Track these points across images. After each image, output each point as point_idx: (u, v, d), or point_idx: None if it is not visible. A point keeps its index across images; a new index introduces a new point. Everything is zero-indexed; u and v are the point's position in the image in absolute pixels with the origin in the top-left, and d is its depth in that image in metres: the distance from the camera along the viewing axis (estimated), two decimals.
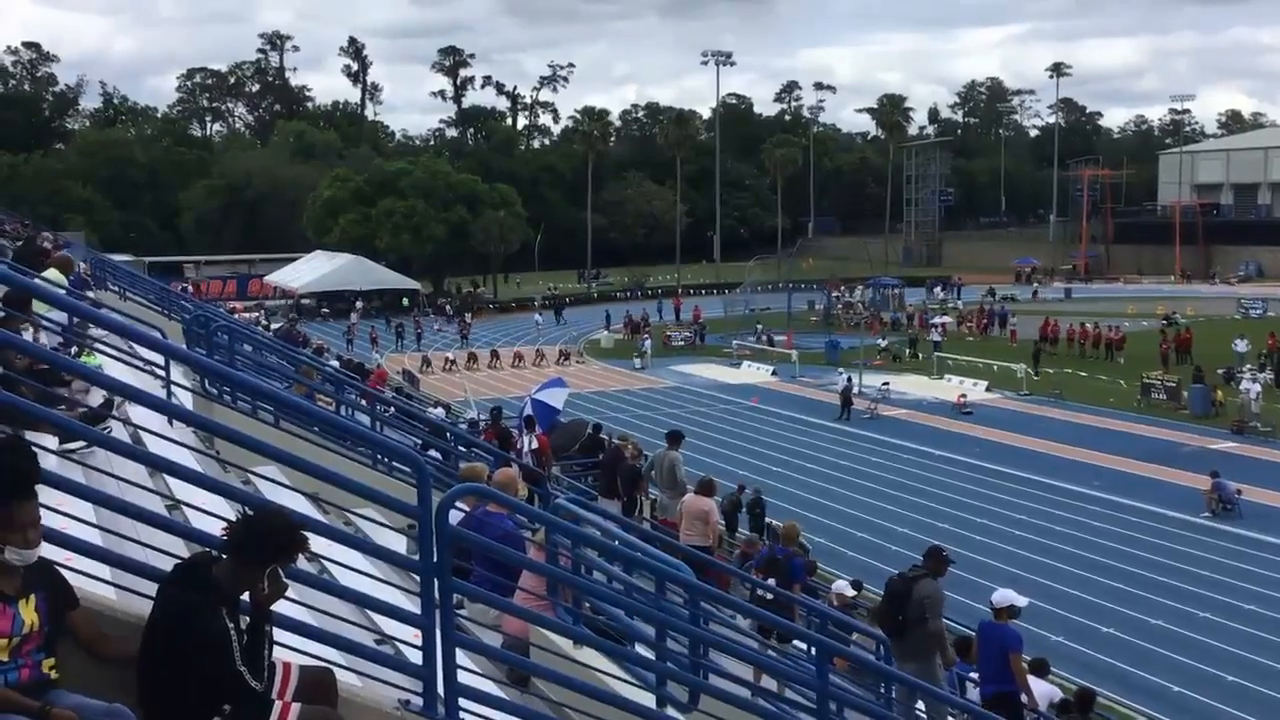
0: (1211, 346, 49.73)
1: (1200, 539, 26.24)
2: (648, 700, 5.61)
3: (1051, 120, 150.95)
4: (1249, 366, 44.58)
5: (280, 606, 4.14)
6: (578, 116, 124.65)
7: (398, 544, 6.51)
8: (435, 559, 4.42)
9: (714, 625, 8.44)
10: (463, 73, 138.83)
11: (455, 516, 6.08)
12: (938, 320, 61.89)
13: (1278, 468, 32.55)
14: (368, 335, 62.01)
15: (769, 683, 8.31)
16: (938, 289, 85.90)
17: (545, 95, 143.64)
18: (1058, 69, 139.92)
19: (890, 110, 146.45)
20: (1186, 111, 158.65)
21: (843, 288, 79.40)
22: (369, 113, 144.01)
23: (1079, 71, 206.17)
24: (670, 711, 5.58)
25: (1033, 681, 10.62)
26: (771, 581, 11.24)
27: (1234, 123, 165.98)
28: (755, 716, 5.55)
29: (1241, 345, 48.63)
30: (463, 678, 4.62)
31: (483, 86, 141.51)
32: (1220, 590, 22.68)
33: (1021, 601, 9.89)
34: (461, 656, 4.83)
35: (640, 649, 6.19)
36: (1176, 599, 22.25)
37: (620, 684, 5.72)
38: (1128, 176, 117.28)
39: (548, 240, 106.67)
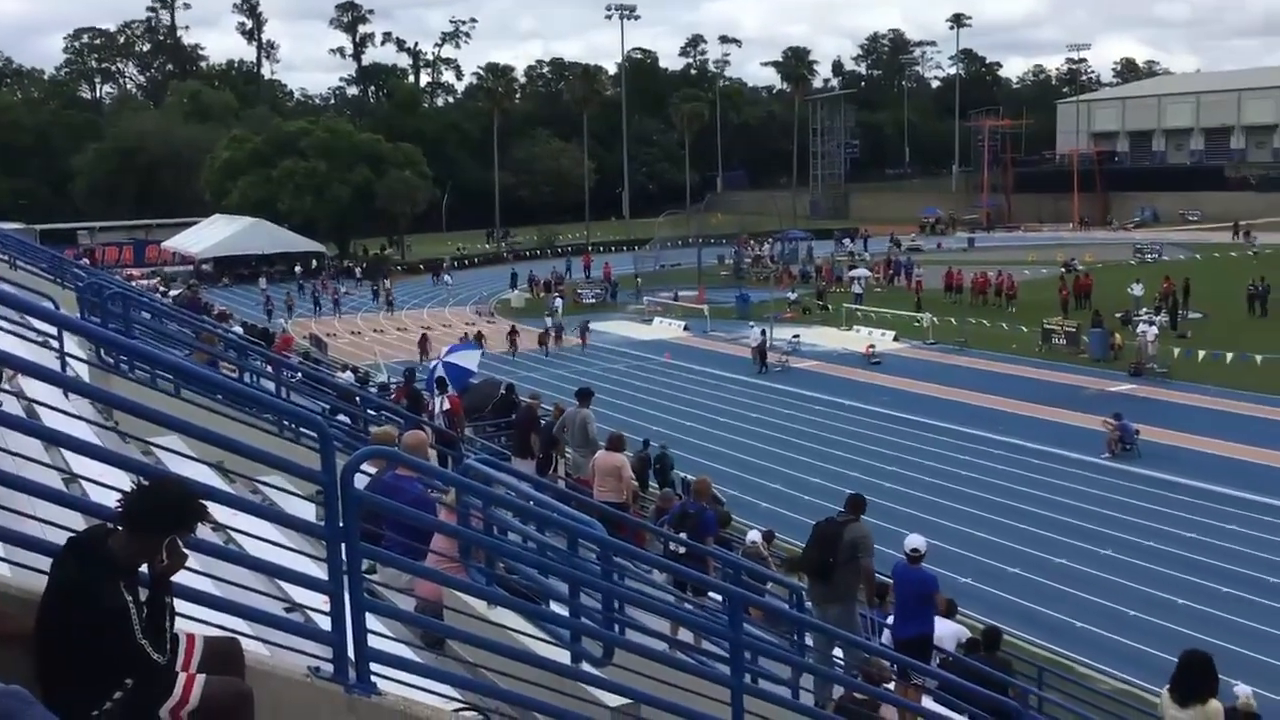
0: (1109, 291, 51.12)
1: (1101, 479, 27.03)
2: (563, 657, 5.61)
3: (953, 71, 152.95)
4: (1145, 310, 45.92)
5: (185, 578, 4.05)
6: (482, 73, 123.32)
7: (309, 511, 6.40)
8: (341, 524, 4.35)
9: (630, 581, 8.49)
10: (362, 29, 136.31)
11: (363, 481, 6.01)
12: (857, 273, 62.56)
13: (1174, 408, 33.63)
14: (284, 301, 60.70)
15: (686, 635, 8.40)
16: (846, 241, 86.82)
17: (448, 52, 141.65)
18: (958, 20, 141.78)
19: (795, 63, 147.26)
20: (1083, 61, 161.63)
21: (752, 242, 79.88)
22: (266, 72, 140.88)
23: (979, 22, 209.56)
24: (585, 667, 5.59)
25: (940, 622, 10.88)
26: (684, 535, 11.34)
27: (1129, 71, 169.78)
28: (670, 668, 5.58)
29: (1138, 289, 50.05)
30: (375, 642, 4.57)
31: (383, 43, 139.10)
32: (1120, 528, 23.41)
33: (925, 545, 10.12)
34: (374, 621, 4.78)
35: (556, 607, 6.20)
36: (1079, 538, 22.91)
37: (536, 642, 5.72)
38: (1027, 126, 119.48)
39: (455, 200, 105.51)
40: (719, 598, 9.82)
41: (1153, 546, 22.29)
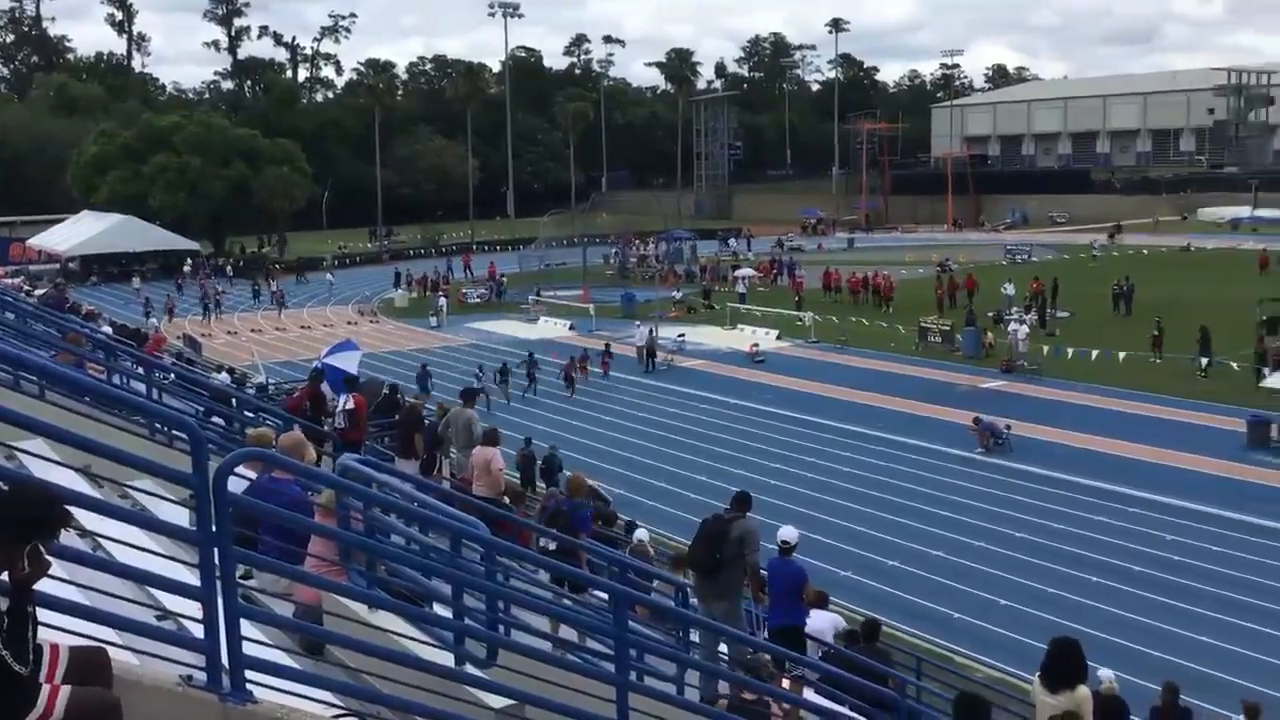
0: (982, 291, 52.63)
1: (975, 473, 27.80)
2: (447, 659, 5.55)
3: (832, 75, 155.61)
4: (1016, 309, 47.36)
5: (49, 586, 3.90)
6: (362, 69, 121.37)
7: (184, 517, 6.22)
8: (214, 528, 4.23)
9: (515, 581, 8.44)
10: (237, 22, 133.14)
11: (239, 484, 5.86)
12: (741, 273, 63.22)
13: (1043, 404, 34.73)
14: (164, 303, 58.81)
15: (573, 634, 8.38)
16: (730, 241, 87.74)
17: (327, 47, 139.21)
18: (837, 24, 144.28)
19: (679, 64, 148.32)
20: (957, 67, 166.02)
21: (637, 241, 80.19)
22: (136, 64, 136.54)
23: (857, 27, 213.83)
24: (469, 669, 5.54)
25: (818, 614, 11.07)
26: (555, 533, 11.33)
27: (1000, 77, 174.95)
28: (555, 667, 5.56)
29: (1009, 289, 51.62)
30: (251, 649, 4.46)
31: (260, 37, 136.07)
32: (993, 520, 24.11)
33: (795, 537, 10.29)
34: (250, 628, 4.66)
35: (439, 609, 6.12)
36: (955, 531, 23.53)
37: (418, 645, 5.64)
38: (903, 130, 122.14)
39: (336, 198, 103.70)
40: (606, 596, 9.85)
41: (1024, 538, 22.99)
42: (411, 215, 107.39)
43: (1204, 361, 36.99)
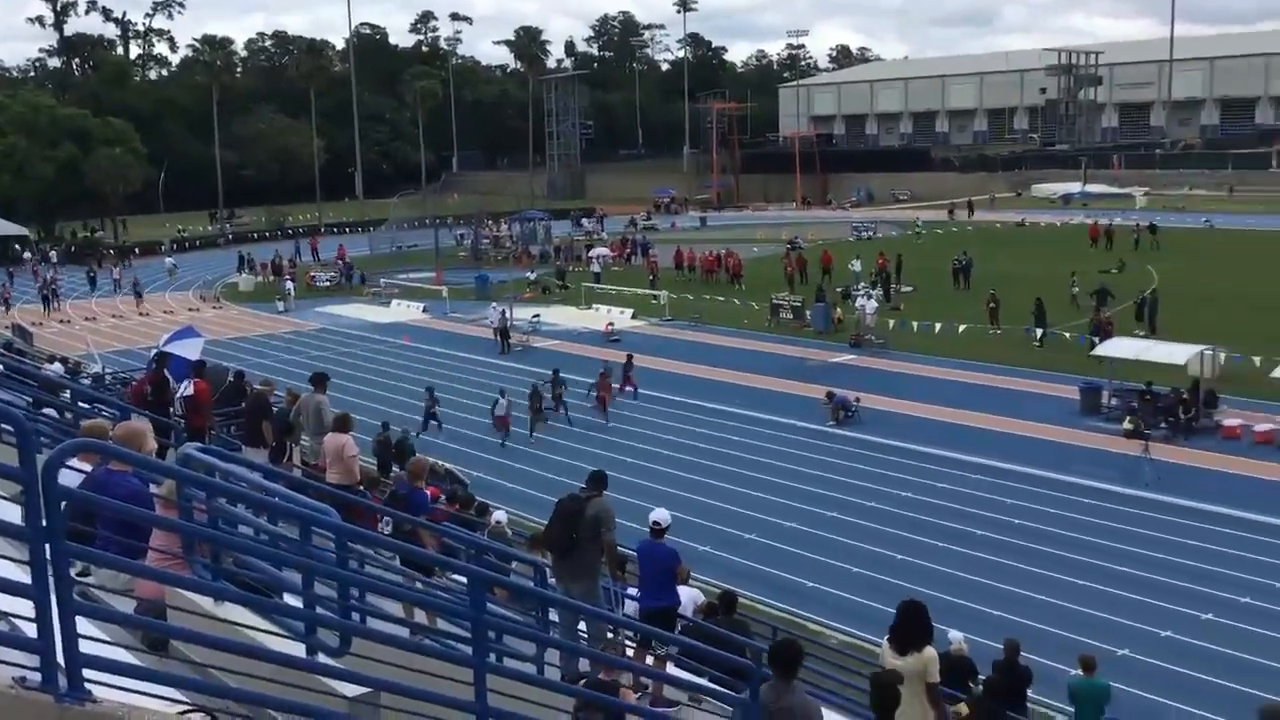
0: (833, 267, 53.82)
1: (827, 445, 28.47)
2: (299, 650, 5.41)
3: (681, 54, 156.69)
4: (863, 285, 48.56)
5: None
6: (198, 46, 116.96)
7: (15, 513, 5.91)
8: (45, 523, 4.03)
9: (369, 567, 8.29)
10: None
11: (72, 478, 5.59)
12: (596, 252, 63.21)
13: (890, 376, 35.74)
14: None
15: (428, 620, 8.27)
16: (583, 221, 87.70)
17: (160, 23, 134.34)
18: (684, 4, 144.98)
19: (528, 43, 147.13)
20: (802, 47, 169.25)
21: (490, 222, 79.51)
22: None
23: (705, 7, 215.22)
24: (321, 658, 5.41)
25: (680, 590, 11.19)
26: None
27: (844, 58, 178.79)
28: (411, 653, 5.47)
29: (857, 265, 52.92)
30: (91, 648, 4.26)
31: (87, 12, 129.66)
32: (845, 491, 24.74)
33: (667, 519, 10.37)
34: (90, 626, 4.46)
35: (290, 599, 5.97)
36: (808, 502, 24.06)
37: (269, 637, 5.49)
38: (752, 109, 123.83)
39: (173, 179, 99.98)
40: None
41: (874, 507, 23.65)
42: (255, 197, 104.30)
43: (1039, 332, 38.57)
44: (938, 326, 39.99)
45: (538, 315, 46.72)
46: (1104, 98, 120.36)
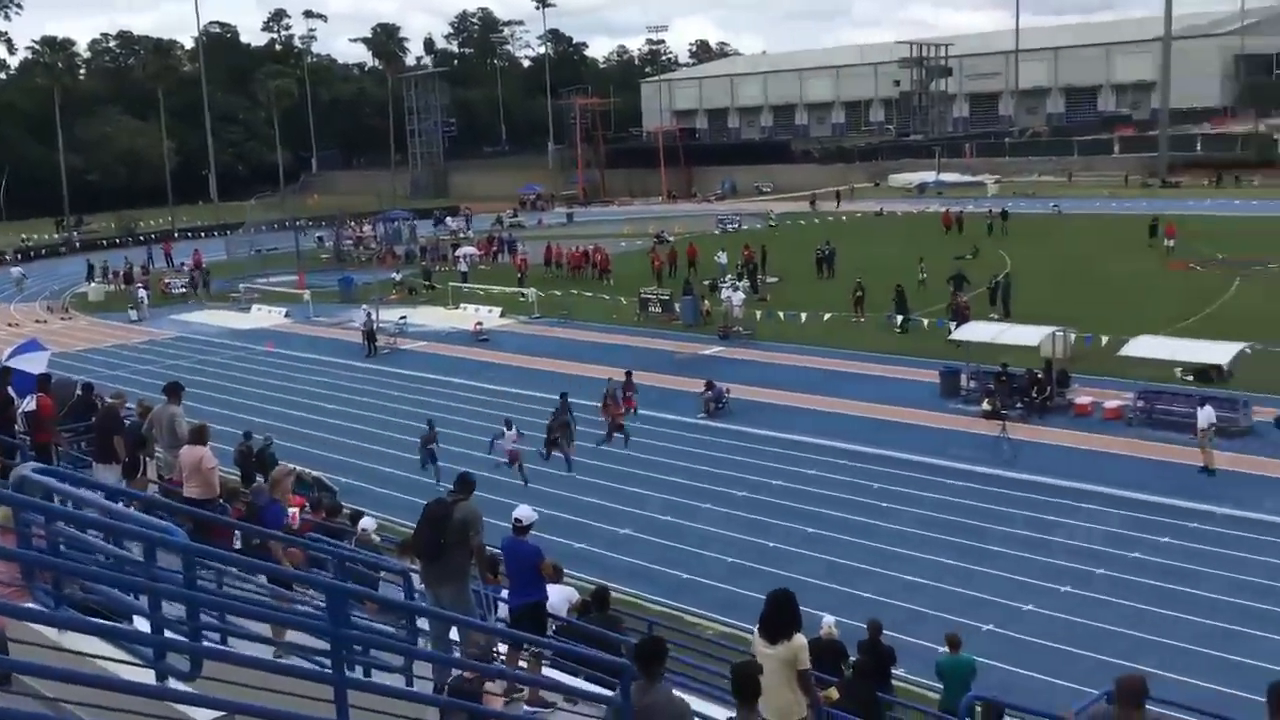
0: (699, 260, 54.27)
1: (699, 437, 28.67)
2: (149, 676, 5.18)
3: (542, 50, 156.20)
4: (729, 276, 49.10)
5: None
6: (37, 47, 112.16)
7: None
8: None
9: (229, 585, 8.00)
10: None
11: None
12: (463, 251, 62.54)
13: (759, 366, 36.18)
14: None
15: (295, 636, 8.02)
16: (448, 220, 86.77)
17: None
18: (543, 0, 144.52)
19: (385, 40, 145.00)
20: (662, 42, 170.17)
21: (353, 223, 78.09)
22: None
23: (563, 3, 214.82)
24: (173, 683, 5.19)
25: (550, 589, 11.11)
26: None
27: (704, 52, 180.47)
28: (268, 673, 5.28)
29: (722, 257, 53.49)
30: None
31: None
32: (718, 482, 24.93)
33: (535, 516, 10.27)
34: None
35: (140, 624, 5.71)
36: (682, 495, 24.17)
37: (117, 664, 5.23)
38: (615, 105, 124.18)
39: (15, 186, 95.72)
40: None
41: (746, 496, 23.91)
42: (103, 202, 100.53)
43: (899, 319, 39.53)
44: (803, 316, 40.67)
45: (405, 317, 46.03)
46: (955, 88, 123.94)
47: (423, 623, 9.31)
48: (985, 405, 28.87)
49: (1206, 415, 24.19)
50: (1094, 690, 9.46)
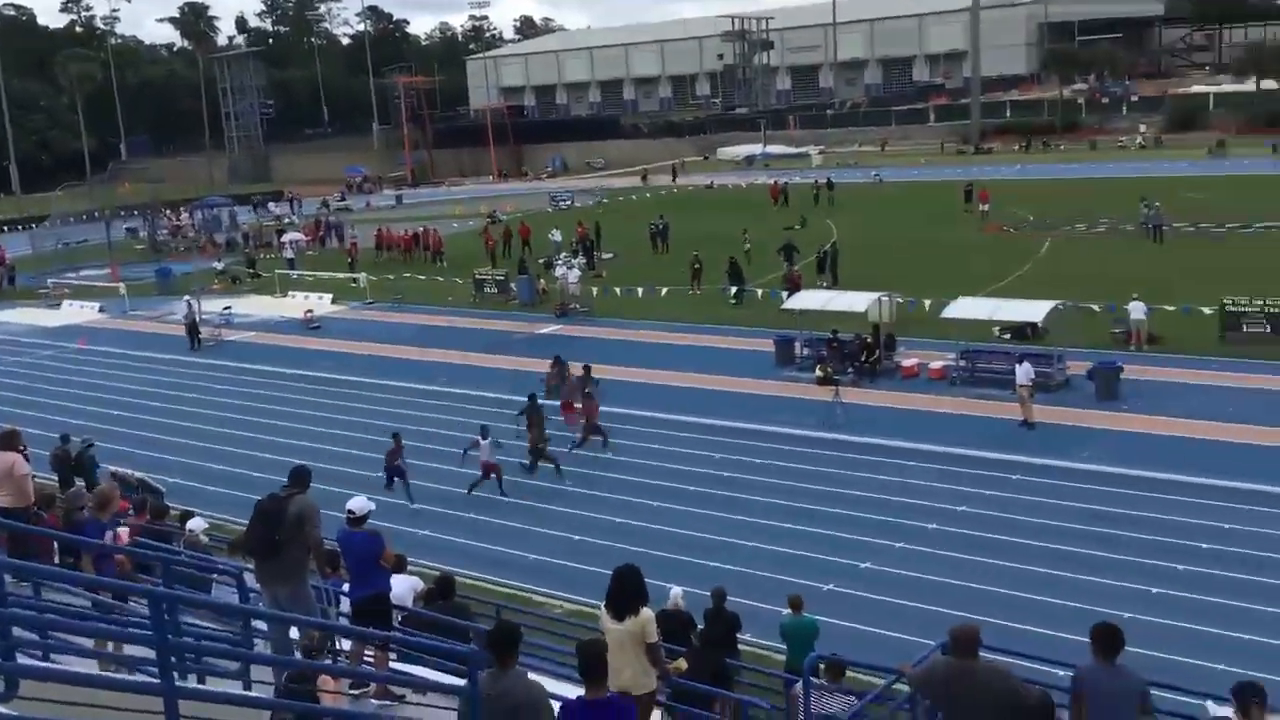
0: (532, 239, 53.98)
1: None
2: None
3: (361, 28, 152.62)
4: (564, 254, 49.01)
5: None
6: None
7: None
8: None
9: (49, 596, 7.57)
10: None
11: None
12: (289, 237, 60.71)
13: (598, 343, 36.16)
14: None
15: (129, 648, 7.65)
16: (271, 205, 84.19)
17: None
18: None
19: (194, 19, 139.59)
20: (485, 19, 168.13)
21: (168, 212, 75.01)
22: None
23: None
24: None
25: (396, 579, 10.91)
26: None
27: (529, 28, 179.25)
28: (89, 688, 5.00)
29: (556, 235, 53.33)
30: None
31: None
32: (563, 461, 24.82)
33: (372, 505, 10.03)
34: None
35: None
36: (522, 474, 24.00)
37: None
38: (440, 83, 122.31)
39: None
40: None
41: (586, 473, 23.91)
42: None
43: (734, 290, 40.13)
44: (640, 291, 40.90)
45: (229, 307, 44.48)
46: (777, 61, 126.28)
47: (262, 623, 9.02)
48: (818, 372, 29.58)
49: (1025, 371, 25.30)
50: (932, 642, 9.78)
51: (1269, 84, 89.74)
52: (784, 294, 36.22)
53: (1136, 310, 30.57)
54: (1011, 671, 8.41)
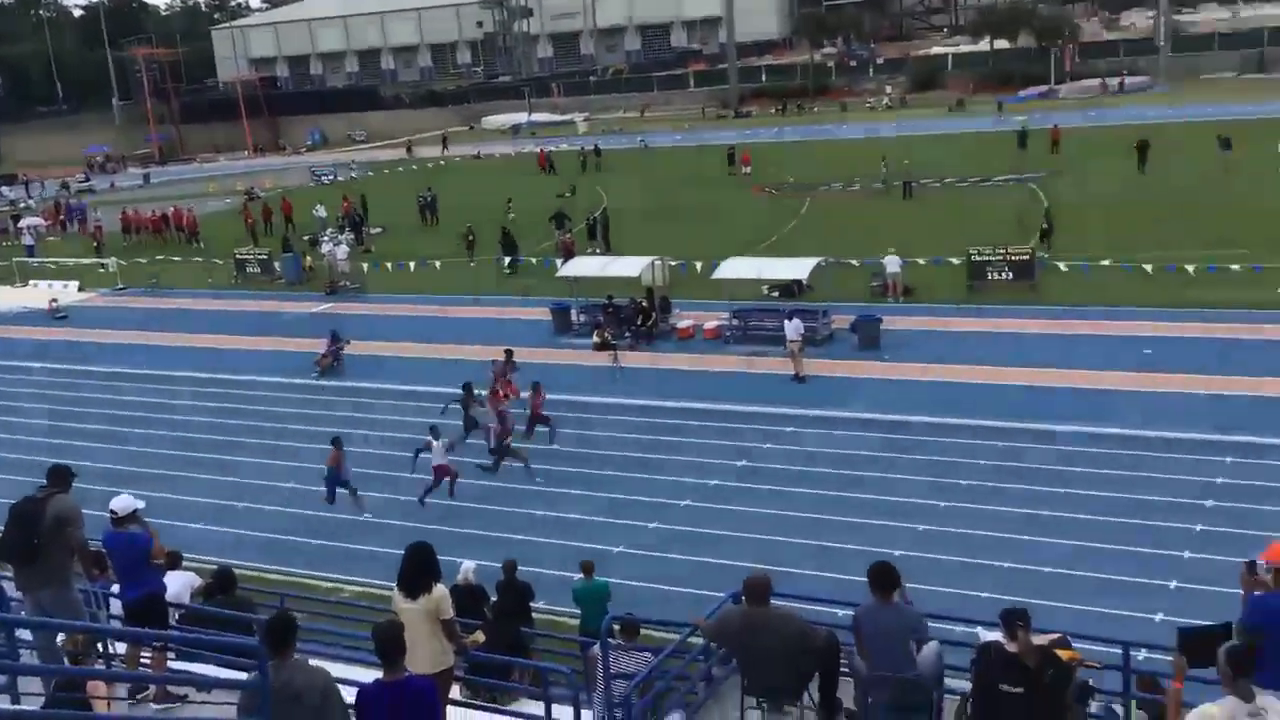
0: (295, 216, 52.14)
1: (315, 398, 27.68)
2: None
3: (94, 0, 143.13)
4: (330, 230, 47.59)
5: None
6: None
7: None
8: None
9: None
10: None
11: None
12: (26, 223, 56.61)
13: (371, 319, 35.37)
14: None
15: None
16: (4, 189, 78.44)
17: None
18: None
19: None
20: None
21: None
22: None
23: None
24: None
25: (171, 577, 10.42)
26: None
27: None
28: None
29: (321, 211, 51.68)
30: None
31: None
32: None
33: (140, 503, 9.50)
34: None
35: None
36: (303, 459, 23.18)
37: None
38: (185, 55, 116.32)
39: None
40: None
41: (369, 453, 23.28)
42: None
43: (508, 260, 39.91)
44: (412, 265, 40.16)
45: None
46: (537, 29, 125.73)
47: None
48: (596, 338, 29.80)
49: (794, 327, 26.19)
50: (723, 594, 10.03)
51: (1001, 44, 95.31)
52: (558, 261, 36.27)
53: (892, 264, 32.09)
54: (799, 615, 8.73)
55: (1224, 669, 6.34)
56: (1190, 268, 30.50)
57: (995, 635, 7.69)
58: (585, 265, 34.08)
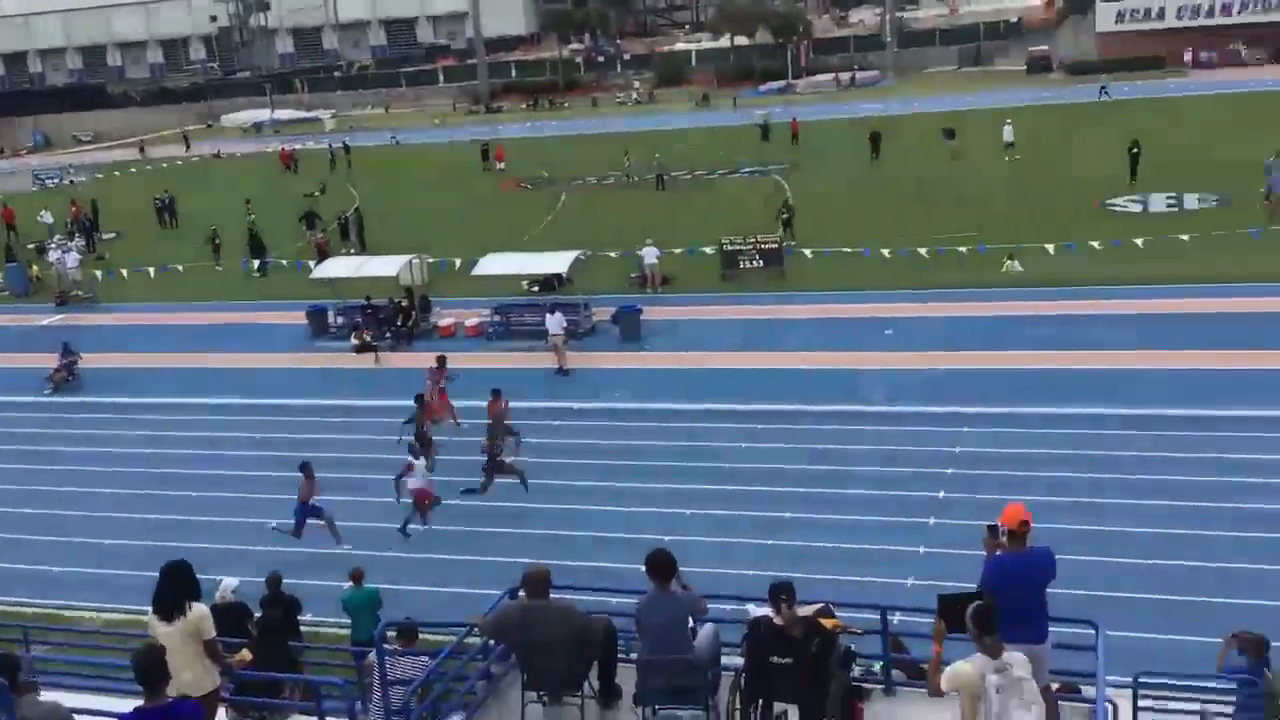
0: (19, 223, 48.56)
1: (49, 416, 25.98)
2: None
3: None
4: (58, 237, 44.57)
5: None
6: None
7: None
8: None
9: None
10: None
11: None
12: None
13: (107, 331, 33.36)
14: None
15: None
16: None
17: None
18: None
19: None
20: None
21: None
22: None
23: None
24: None
25: None
26: None
27: None
28: None
29: (47, 217, 48.35)
30: None
31: None
32: (81, 461, 22.76)
33: None
34: None
35: None
36: (41, 481, 21.78)
37: None
38: None
39: None
40: None
41: (117, 471, 22.09)
42: None
43: (257, 263, 38.43)
44: (152, 271, 38.12)
45: None
46: (275, 23, 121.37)
47: None
48: (355, 340, 29.08)
49: (556, 321, 26.32)
50: (498, 591, 9.97)
51: (741, 40, 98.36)
52: (311, 263, 35.19)
53: (649, 255, 32.71)
54: (578, 606, 8.78)
55: (971, 629, 6.77)
56: (924, 250, 32.40)
57: (765, 610, 7.95)
58: (340, 266, 33.20)
